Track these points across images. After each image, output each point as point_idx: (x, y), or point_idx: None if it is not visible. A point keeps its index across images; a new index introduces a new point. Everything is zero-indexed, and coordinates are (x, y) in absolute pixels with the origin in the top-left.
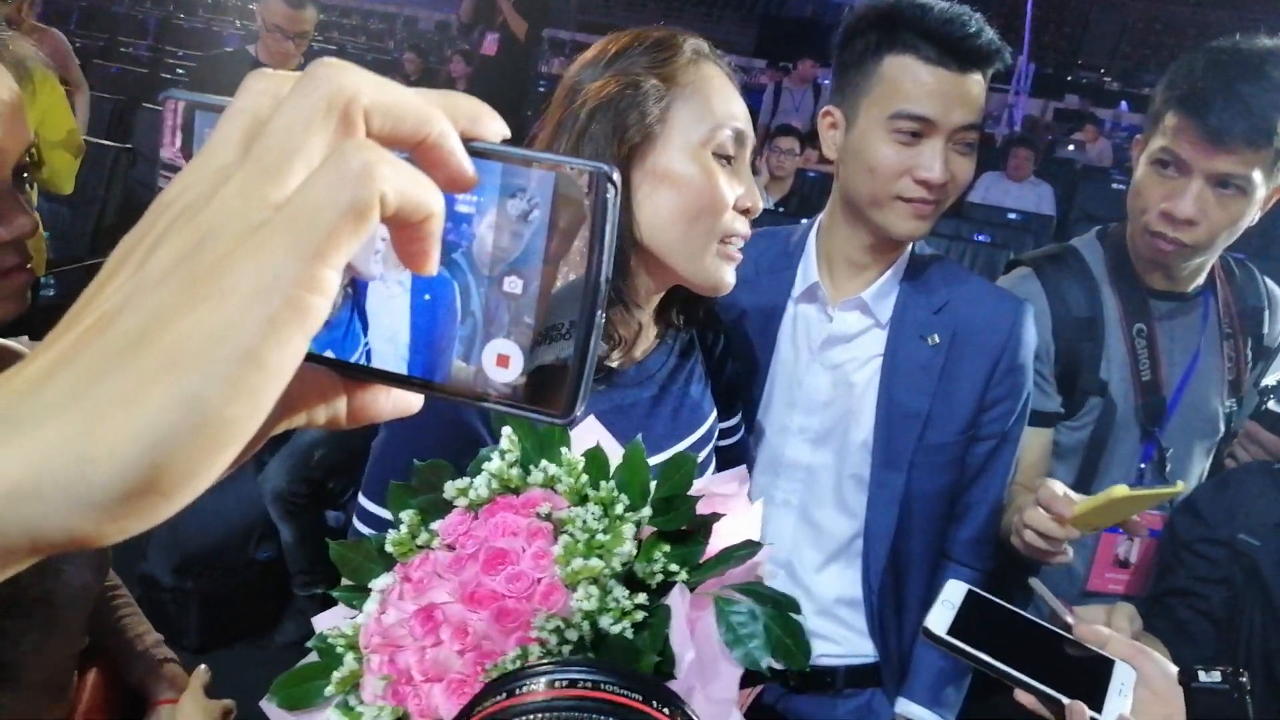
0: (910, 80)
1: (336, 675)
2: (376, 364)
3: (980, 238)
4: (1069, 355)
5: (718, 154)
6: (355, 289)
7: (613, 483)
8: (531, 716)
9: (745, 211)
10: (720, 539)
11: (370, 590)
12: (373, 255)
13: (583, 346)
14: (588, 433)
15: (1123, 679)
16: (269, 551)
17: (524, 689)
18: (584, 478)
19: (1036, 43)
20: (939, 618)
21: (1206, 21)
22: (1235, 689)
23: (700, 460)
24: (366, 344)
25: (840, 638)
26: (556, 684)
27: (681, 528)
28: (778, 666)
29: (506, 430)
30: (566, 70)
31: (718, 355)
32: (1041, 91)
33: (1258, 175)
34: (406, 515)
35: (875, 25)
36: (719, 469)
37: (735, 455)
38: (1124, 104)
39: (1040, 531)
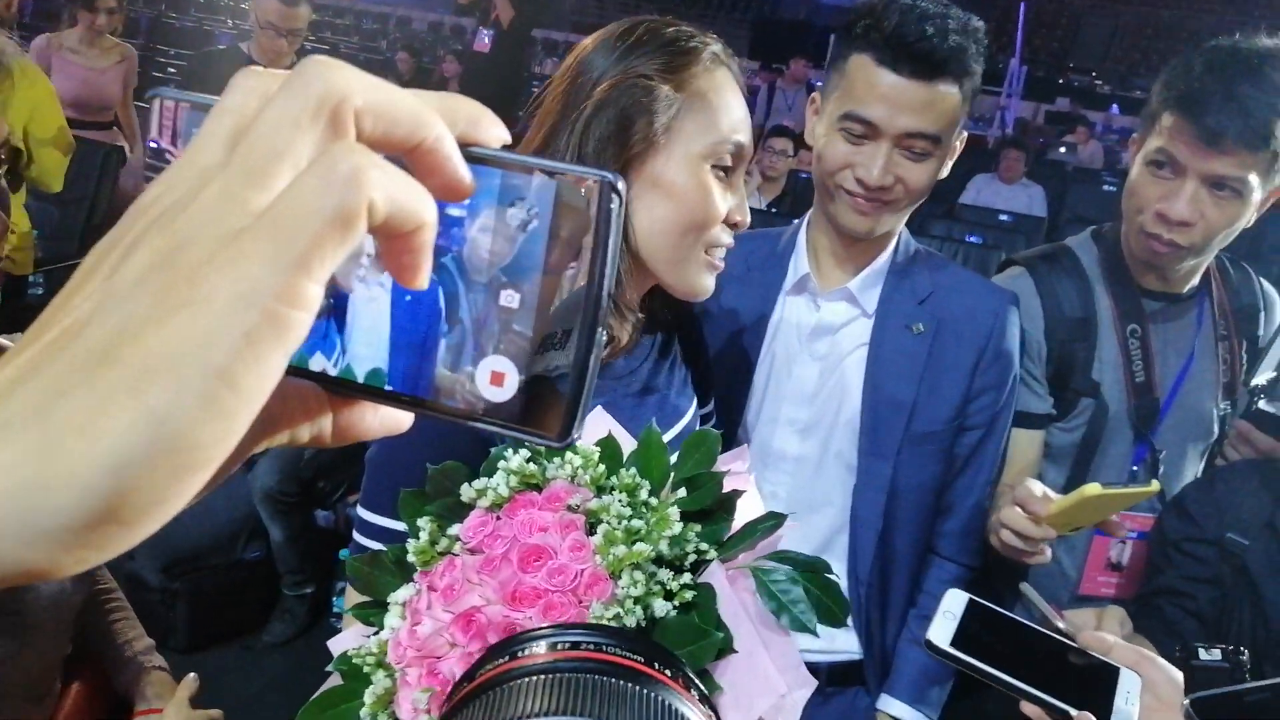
0: (863, 82)
1: (369, 694)
2: (362, 379)
3: (972, 239)
4: (1061, 355)
5: (716, 166)
6: (338, 300)
7: (633, 470)
8: (536, 677)
9: (734, 225)
10: (740, 515)
11: (389, 605)
12: (359, 267)
13: (582, 364)
14: (597, 423)
15: (1129, 686)
16: (258, 551)
17: (526, 651)
18: (601, 468)
19: (1028, 46)
20: (941, 629)
21: (1197, 24)
22: (1235, 667)
23: None
24: (350, 357)
25: (825, 633)
26: (559, 646)
27: (706, 506)
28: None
29: None
30: (578, 45)
31: (693, 344)
32: (1033, 94)
33: (1254, 178)
34: (424, 523)
35: (857, 20)
36: None
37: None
38: (1115, 107)
39: (1016, 531)
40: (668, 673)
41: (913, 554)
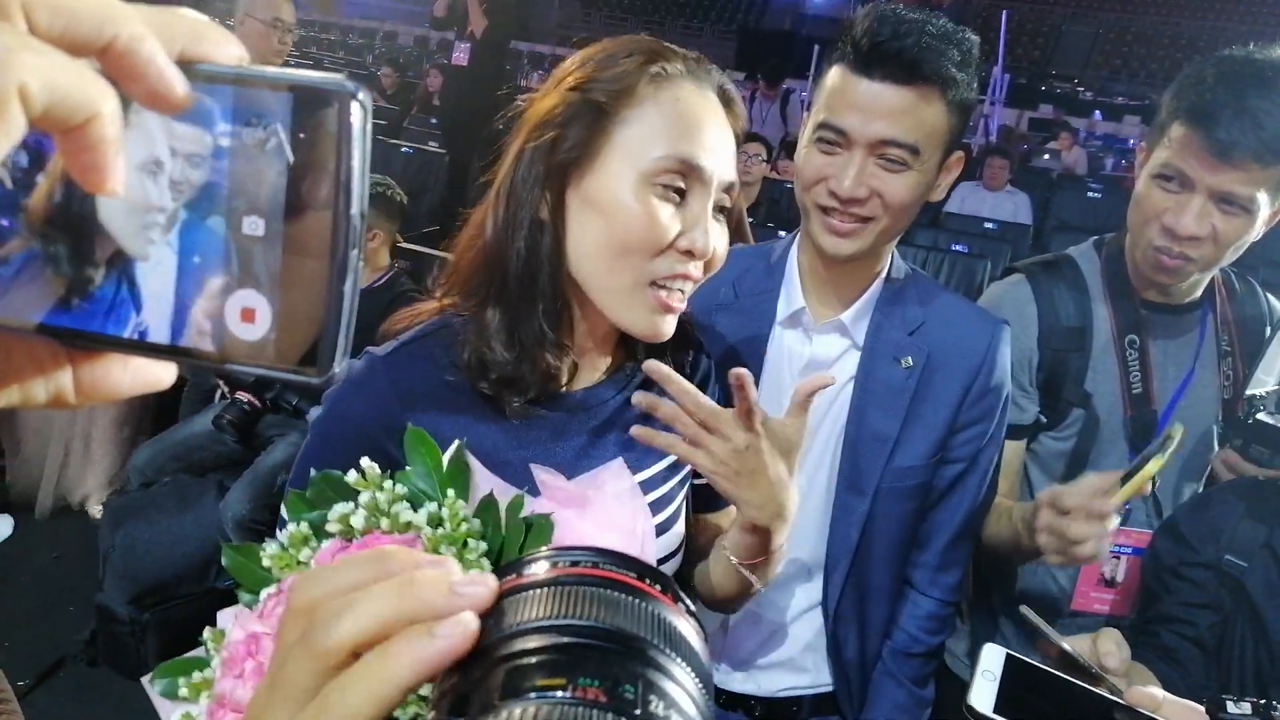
0: (836, 90)
1: (184, 681)
2: (99, 329)
3: (957, 247)
4: (1054, 364)
5: (666, 186)
6: (67, 245)
7: (481, 545)
8: (540, 589)
9: (689, 254)
10: None
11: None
12: (141, 230)
13: (337, 293)
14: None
15: None
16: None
17: (528, 570)
18: (463, 527)
19: (1010, 53)
20: (982, 693)
21: (1177, 31)
22: None
23: (666, 492)
24: (85, 304)
25: (810, 665)
26: (558, 564)
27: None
28: None
29: (366, 463)
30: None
31: (697, 384)
32: (1016, 101)
33: (1263, 195)
34: (289, 529)
35: (838, 36)
36: (703, 505)
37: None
38: (1097, 113)
39: (1074, 536)
40: (657, 587)
41: (888, 587)
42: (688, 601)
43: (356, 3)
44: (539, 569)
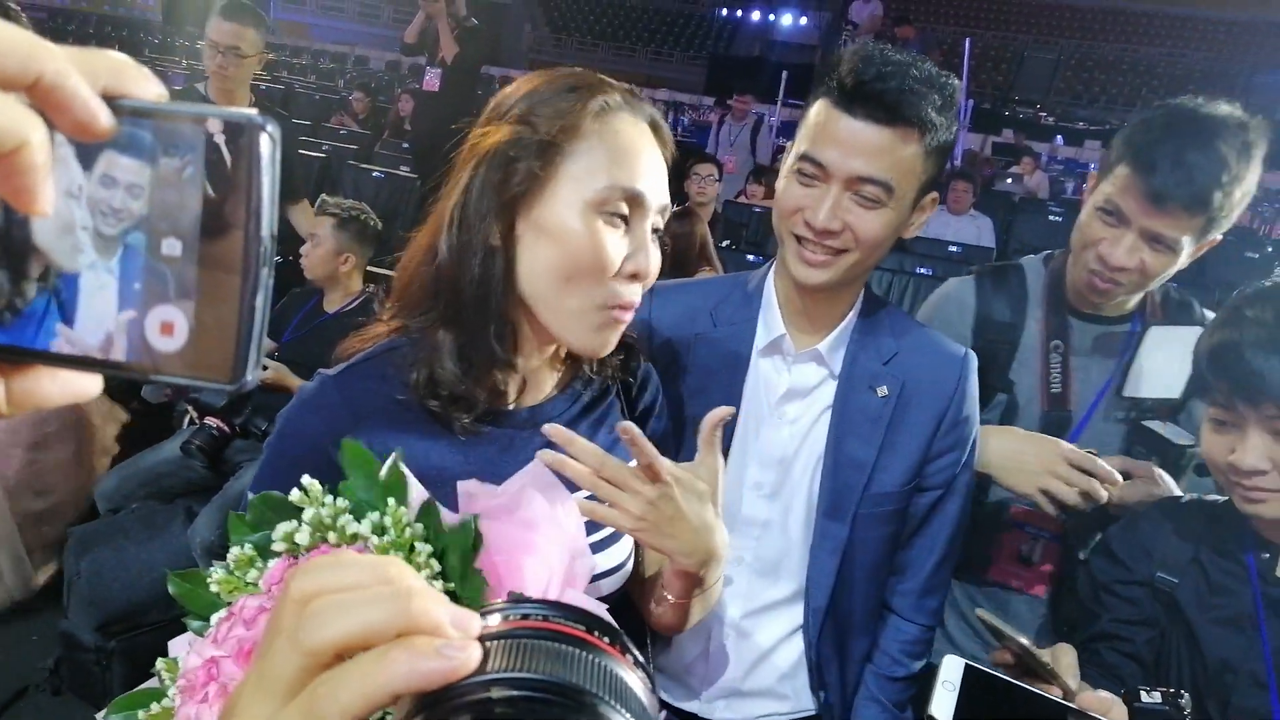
0: (818, 124)
1: (144, 714)
2: (26, 343)
3: (922, 270)
4: (984, 350)
5: (612, 214)
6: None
7: (427, 548)
8: (492, 642)
9: (634, 277)
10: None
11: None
12: (70, 250)
13: (249, 307)
14: (468, 495)
15: None
16: None
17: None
18: (407, 532)
19: (974, 79)
20: (942, 703)
21: (1136, 57)
22: (1175, 709)
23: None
24: (11, 319)
25: (791, 692)
26: (510, 617)
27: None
28: None
29: (307, 481)
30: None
31: (641, 408)
32: (980, 126)
33: (1187, 239)
34: (232, 553)
35: (826, 72)
36: None
37: None
38: (1059, 137)
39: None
40: (606, 640)
41: (868, 613)
42: (636, 653)
43: (327, 27)
44: (492, 621)
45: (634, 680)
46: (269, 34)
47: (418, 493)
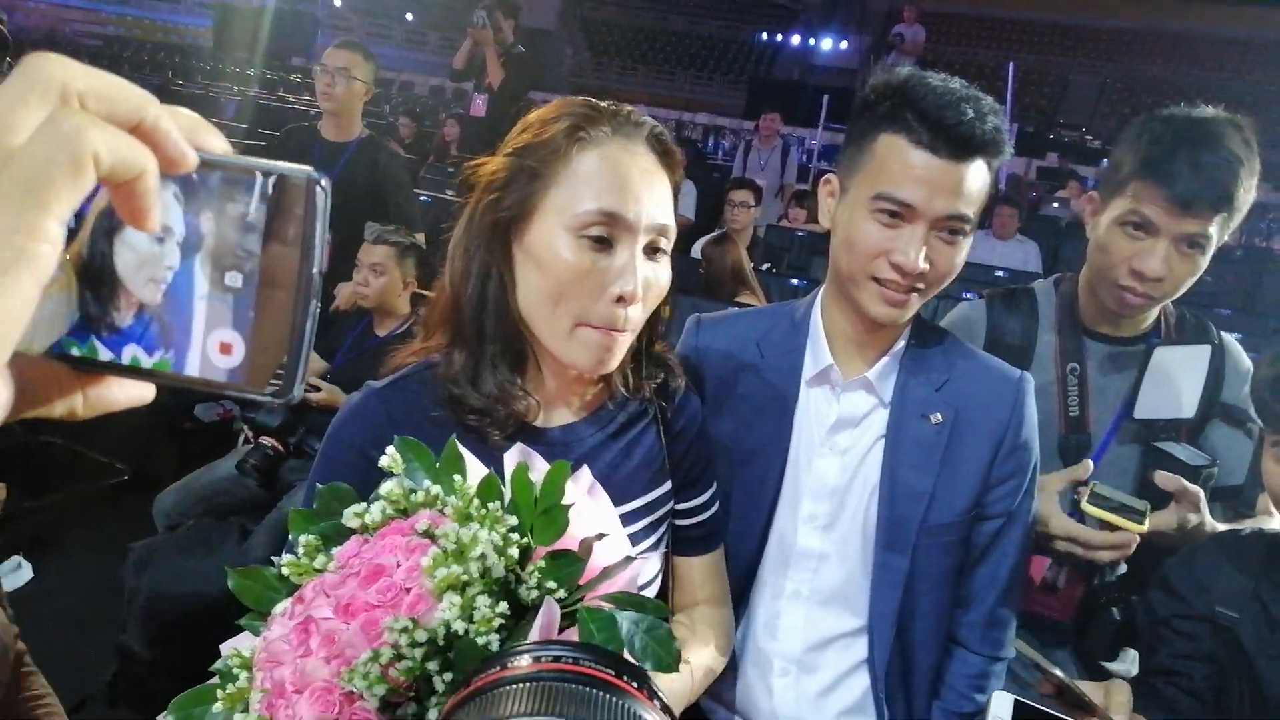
0: (897, 162)
1: (224, 692)
2: (105, 359)
3: (968, 296)
4: None
5: (593, 238)
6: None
7: (496, 504)
8: (521, 685)
9: (620, 299)
10: (598, 558)
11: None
12: (152, 282)
13: (299, 330)
14: (512, 457)
15: None
16: None
17: (512, 663)
18: (475, 500)
19: (1018, 103)
20: None
21: (1179, 79)
22: None
23: (639, 530)
24: (92, 338)
25: None
26: (541, 659)
27: (556, 543)
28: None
29: (391, 450)
30: None
31: (676, 431)
32: (1025, 150)
33: (1214, 230)
34: (302, 539)
35: (880, 99)
36: (682, 549)
37: (700, 535)
38: (1105, 161)
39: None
40: (634, 684)
41: (933, 645)
42: (664, 698)
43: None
44: (522, 662)
45: None
46: (316, 63)
47: (476, 468)
